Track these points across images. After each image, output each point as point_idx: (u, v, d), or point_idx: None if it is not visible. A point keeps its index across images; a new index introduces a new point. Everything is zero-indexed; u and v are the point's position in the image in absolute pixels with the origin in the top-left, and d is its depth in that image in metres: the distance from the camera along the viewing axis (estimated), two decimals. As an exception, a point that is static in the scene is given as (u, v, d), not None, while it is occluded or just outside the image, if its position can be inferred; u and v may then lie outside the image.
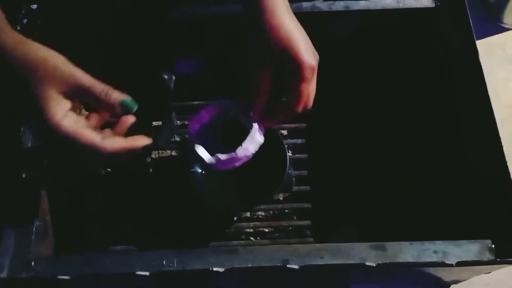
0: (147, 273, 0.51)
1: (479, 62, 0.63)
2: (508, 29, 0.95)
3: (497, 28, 0.96)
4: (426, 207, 0.70)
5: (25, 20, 0.66)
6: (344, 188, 0.75)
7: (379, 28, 0.72)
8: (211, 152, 0.53)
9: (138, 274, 0.51)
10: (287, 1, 0.46)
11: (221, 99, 0.56)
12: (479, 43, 0.65)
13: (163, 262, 0.52)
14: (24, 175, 0.57)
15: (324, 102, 0.79)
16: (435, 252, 0.53)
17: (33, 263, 0.52)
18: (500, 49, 0.94)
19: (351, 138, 0.79)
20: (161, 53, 0.73)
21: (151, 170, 0.75)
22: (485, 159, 0.60)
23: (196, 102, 0.75)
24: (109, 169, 0.71)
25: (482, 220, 0.59)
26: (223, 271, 0.52)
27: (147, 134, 0.75)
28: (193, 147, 0.54)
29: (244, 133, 0.52)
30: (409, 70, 0.76)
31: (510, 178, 0.56)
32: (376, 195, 0.74)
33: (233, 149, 0.51)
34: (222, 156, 0.51)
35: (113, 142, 0.45)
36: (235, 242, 0.70)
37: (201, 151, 0.53)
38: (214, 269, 0.52)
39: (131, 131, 0.78)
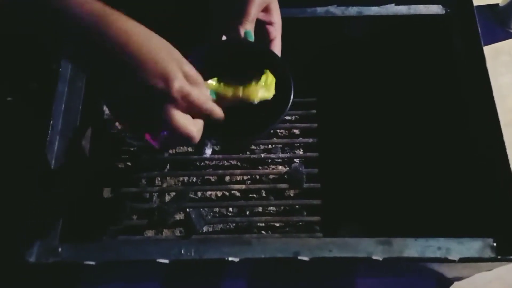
0: (166, 261, 0.54)
1: (486, 68, 0.65)
2: (515, 35, 0.97)
3: (505, 33, 0.97)
4: (431, 206, 0.72)
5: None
6: (353, 186, 0.77)
7: (390, 33, 0.74)
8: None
9: (158, 262, 0.54)
10: None
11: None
12: (486, 48, 0.67)
13: (181, 251, 0.55)
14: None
15: (335, 103, 0.82)
16: (439, 248, 0.55)
17: (60, 249, 0.55)
18: (506, 54, 0.96)
19: (360, 139, 0.81)
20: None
21: (168, 165, 0.78)
22: (489, 161, 0.62)
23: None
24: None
25: (485, 218, 0.61)
26: (237, 261, 0.54)
27: None
28: None
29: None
30: (418, 73, 0.78)
31: (512, 179, 0.58)
32: (383, 193, 0.76)
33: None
34: None
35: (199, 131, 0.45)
36: (247, 236, 0.73)
37: None
38: (230, 258, 0.54)
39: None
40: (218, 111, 0.47)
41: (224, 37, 0.57)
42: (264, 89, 0.52)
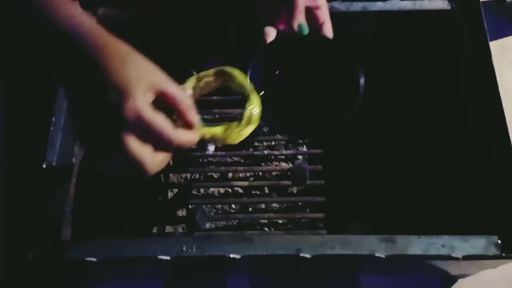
0: (168, 258, 0.54)
1: (492, 65, 0.65)
2: (522, 32, 0.96)
3: (511, 29, 0.97)
4: (435, 203, 0.72)
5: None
6: (357, 183, 0.77)
7: (395, 29, 0.73)
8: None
9: (159, 258, 0.54)
10: None
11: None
12: (492, 44, 0.66)
13: (183, 248, 0.55)
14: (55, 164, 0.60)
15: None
16: (443, 246, 0.55)
17: (61, 246, 0.56)
18: (512, 51, 0.95)
19: (364, 136, 0.80)
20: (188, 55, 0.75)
21: (171, 163, 0.78)
22: (495, 158, 0.62)
23: (215, 97, 0.78)
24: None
25: (489, 216, 0.61)
26: (239, 258, 0.54)
27: None
28: None
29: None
30: (422, 69, 0.78)
31: (517, 177, 0.58)
32: (387, 190, 0.76)
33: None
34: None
35: (183, 134, 0.42)
36: (249, 232, 0.73)
37: None
38: (231, 255, 0.54)
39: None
40: (183, 141, 0.42)
41: (274, 35, 0.54)
42: (245, 128, 0.50)
